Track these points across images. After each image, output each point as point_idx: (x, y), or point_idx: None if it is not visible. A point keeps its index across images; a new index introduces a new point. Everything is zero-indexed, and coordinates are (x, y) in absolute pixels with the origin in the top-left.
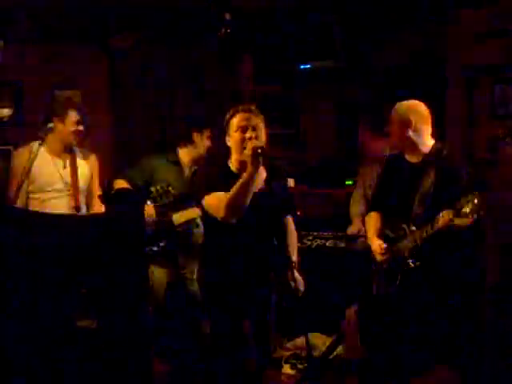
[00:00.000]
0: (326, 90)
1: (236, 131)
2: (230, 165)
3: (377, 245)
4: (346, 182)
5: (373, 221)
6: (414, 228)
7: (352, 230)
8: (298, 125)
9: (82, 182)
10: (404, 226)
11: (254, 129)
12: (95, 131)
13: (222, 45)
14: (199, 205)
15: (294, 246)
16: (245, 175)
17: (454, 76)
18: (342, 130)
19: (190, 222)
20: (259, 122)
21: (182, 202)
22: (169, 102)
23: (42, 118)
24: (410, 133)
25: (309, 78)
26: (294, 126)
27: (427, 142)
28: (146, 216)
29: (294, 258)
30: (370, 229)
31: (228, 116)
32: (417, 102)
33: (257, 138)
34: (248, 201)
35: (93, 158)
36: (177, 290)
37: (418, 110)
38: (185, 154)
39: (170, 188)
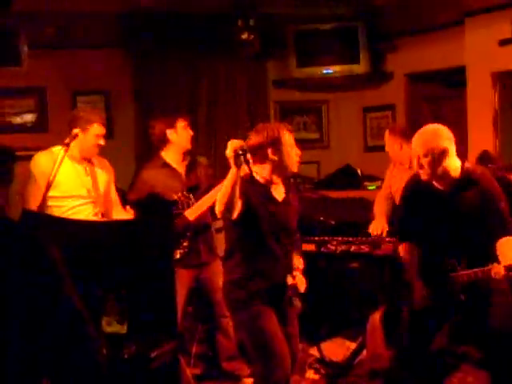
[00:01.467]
0: (351, 94)
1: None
2: (256, 177)
3: (419, 289)
4: (369, 187)
5: (411, 256)
6: (463, 265)
7: (374, 226)
8: (322, 129)
9: (102, 189)
10: (453, 261)
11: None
12: (119, 135)
13: (245, 50)
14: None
15: (297, 256)
16: (229, 175)
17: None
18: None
19: (205, 214)
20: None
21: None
22: (191, 105)
23: (66, 124)
24: (446, 161)
25: (332, 82)
26: (318, 130)
27: (456, 164)
28: None
29: (298, 263)
30: (412, 268)
31: (276, 132)
32: (440, 126)
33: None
34: (236, 198)
35: (107, 164)
36: (200, 295)
37: (447, 136)
38: (169, 154)
39: (191, 195)
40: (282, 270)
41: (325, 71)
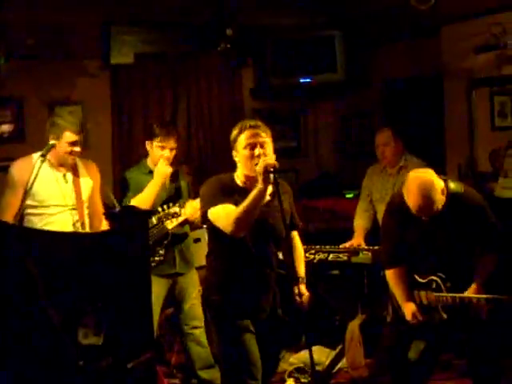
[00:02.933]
0: (328, 102)
1: (245, 148)
2: (236, 178)
3: (410, 311)
4: (347, 195)
5: (399, 281)
6: (449, 284)
7: (352, 243)
8: (299, 138)
9: (85, 196)
10: (436, 279)
11: (262, 146)
12: (96, 146)
13: (222, 59)
14: (204, 217)
15: (300, 261)
16: (255, 191)
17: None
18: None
19: (183, 224)
20: (267, 138)
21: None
22: (171, 116)
23: (43, 134)
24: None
25: (310, 91)
26: (296, 138)
27: (441, 195)
28: None
29: (302, 273)
30: (399, 291)
31: (236, 132)
32: (428, 172)
33: (265, 154)
34: (255, 216)
35: (94, 167)
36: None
37: (436, 183)
38: (150, 163)
39: (177, 208)
40: (266, 278)
41: (302, 80)
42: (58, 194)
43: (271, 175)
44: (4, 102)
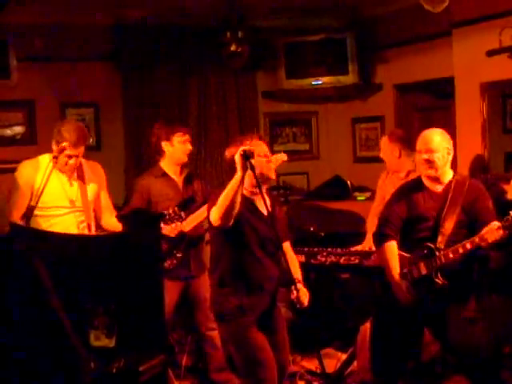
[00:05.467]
0: (340, 105)
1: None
2: (244, 191)
3: (402, 289)
4: (358, 198)
5: (393, 256)
6: (441, 246)
7: (364, 246)
8: (311, 140)
9: (90, 198)
10: (429, 244)
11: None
12: (109, 147)
13: (234, 62)
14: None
15: (295, 267)
16: (234, 179)
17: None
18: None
19: (200, 225)
20: (262, 147)
21: (185, 209)
22: (183, 118)
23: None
24: (450, 158)
25: (322, 93)
26: (307, 141)
27: (449, 171)
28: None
29: (297, 275)
30: (393, 266)
31: (229, 155)
32: (441, 129)
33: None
34: (237, 204)
35: (99, 169)
36: (186, 305)
37: (448, 137)
38: (166, 165)
39: (182, 213)
40: (269, 280)
41: (314, 82)
42: (64, 197)
43: (247, 162)
44: (16, 103)
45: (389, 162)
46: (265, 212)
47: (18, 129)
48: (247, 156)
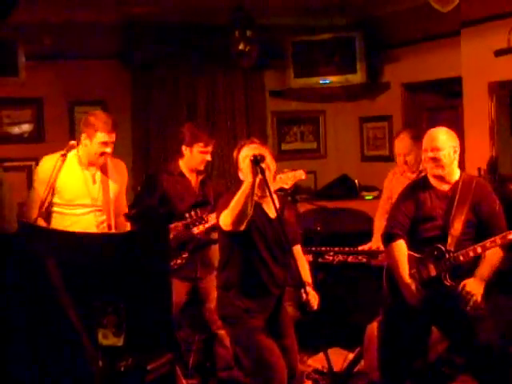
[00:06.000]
0: (348, 104)
1: (244, 160)
2: None
3: (411, 289)
4: (366, 197)
5: (402, 256)
6: (452, 248)
7: (371, 246)
8: (318, 139)
9: (112, 196)
10: (440, 246)
11: (260, 154)
12: (116, 146)
13: (242, 60)
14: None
15: (305, 270)
16: (245, 184)
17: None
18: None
19: (209, 229)
20: (264, 149)
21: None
22: (190, 117)
23: (63, 134)
24: (456, 157)
25: (329, 92)
26: (315, 140)
27: (457, 170)
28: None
29: (307, 278)
30: (402, 266)
31: (235, 154)
32: (447, 128)
33: (267, 167)
34: (250, 209)
35: (124, 167)
36: (194, 305)
37: (455, 135)
38: (183, 165)
39: (204, 215)
40: (275, 284)
41: (322, 81)
42: (86, 194)
43: (258, 167)
44: (24, 101)
45: (400, 161)
46: (273, 215)
47: (26, 126)
48: (257, 161)
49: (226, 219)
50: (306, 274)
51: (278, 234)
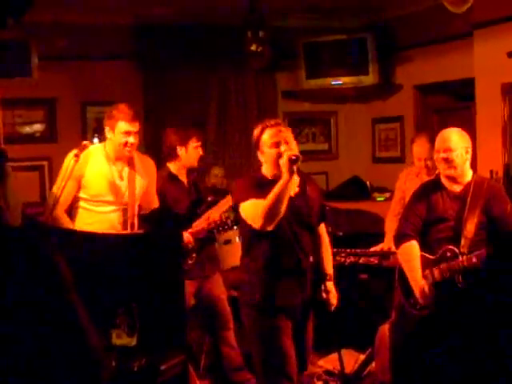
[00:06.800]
0: (359, 105)
1: (270, 147)
2: (265, 174)
3: (422, 289)
4: (377, 199)
5: (415, 256)
6: (465, 250)
7: (383, 247)
8: (330, 140)
9: (138, 194)
10: (453, 248)
11: (286, 142)
12: None
13: (254, 61)
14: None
15: (328, 258)
16: (280, 183)
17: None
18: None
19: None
20: (289, 134)
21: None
22: (203, 117)
23: (75, 134)
24: (469, 158)
25: (341, 93)
26: (327, 141)
27: (469, 171)
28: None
29: (329, 269)
30: (415, 266)
31: (257, 133)
32: (459, 128)
33: (290, 149)
34: (283, 208)
35: (151, 165)
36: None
37: (467, 136)
38: (176, 168)
39: (229, 218)
40: (300, 270)
41: (334, 82)
42: (112, 191)
43: (295, 165)
44: (37, 101)
45: (419, 164)
46: (292, 194)
47: (38, 126)
48: (296, 161)
49: (256, 217)
50: (328, 262)
51: (299, 212)
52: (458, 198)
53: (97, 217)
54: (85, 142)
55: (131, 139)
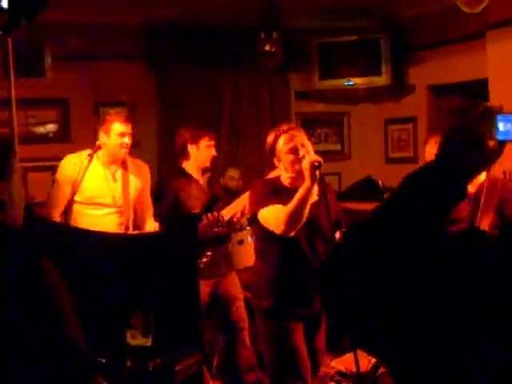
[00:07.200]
0: (372, 106)
1: (287, 153)
2: (282, 180)
3: None
4: None
5: None
6: None
7: None
8: (343, 141)
9: (132, 196)
10: None
11: (303, 145)
12: (142, 147)
13: (268, 62)
14: (253, 219)
15: None
16: (302, 189)
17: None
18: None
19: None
20: (303, 137)
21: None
22: (216, 119)
23: (89, 134)
24: None
25: (354, 94)
26: (339, 141)
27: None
28: None
29: None
30: None
31: (271, 140)
32: None
33: (308, 152)
34: (306, 214)
35: (145, 168)
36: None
37: None
38: (189, 167)
39: (220, 216)
40: (313, 278)
41: (347, 83)
42: (107, 193)
43: (317, 172)
44: (50, 101)
45: None
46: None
47: (51, 127)
48: (317, 166)
49: (277, 223)
50: None
51: (317, 221)
52: (471, 199)
53: (91, 219)
54: (99, 142)
55: (126, 139)
